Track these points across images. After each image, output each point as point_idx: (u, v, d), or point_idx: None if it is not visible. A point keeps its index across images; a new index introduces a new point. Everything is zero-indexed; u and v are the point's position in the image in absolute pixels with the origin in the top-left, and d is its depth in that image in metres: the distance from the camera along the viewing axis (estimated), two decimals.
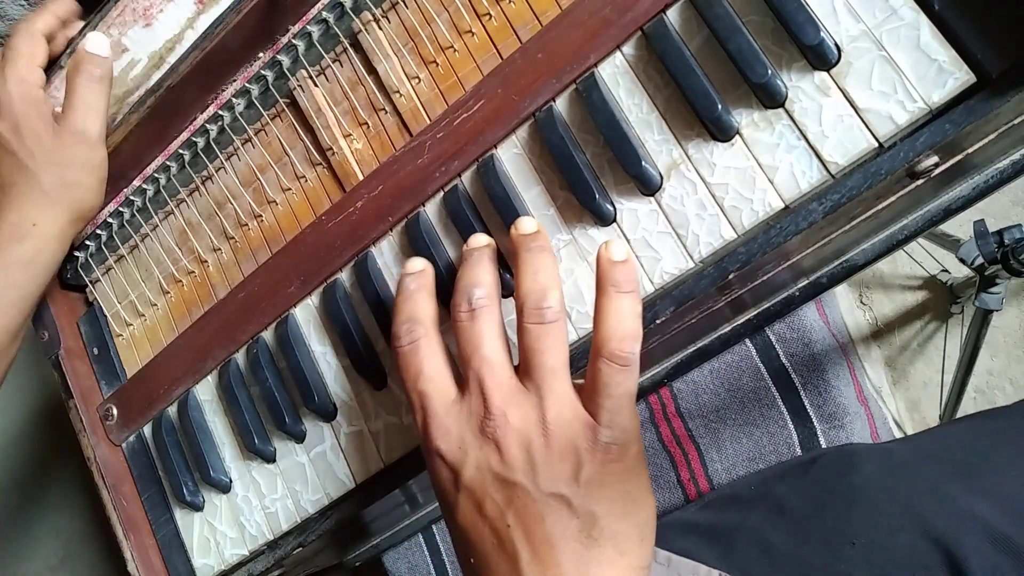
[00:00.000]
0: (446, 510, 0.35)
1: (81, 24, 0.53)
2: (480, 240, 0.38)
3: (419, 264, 0.38)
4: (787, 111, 0.35)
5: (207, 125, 0.49)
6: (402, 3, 0.44)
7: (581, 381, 0.35)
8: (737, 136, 0.36)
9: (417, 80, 0.44)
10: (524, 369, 0.34)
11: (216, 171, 0.50)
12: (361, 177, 0.45)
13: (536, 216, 0.40)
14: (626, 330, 0.33)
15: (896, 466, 0.45)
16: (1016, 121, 0.33)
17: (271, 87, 0.47)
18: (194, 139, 0.49)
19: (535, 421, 0.33)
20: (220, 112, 0.48)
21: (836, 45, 0.34)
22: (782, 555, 0.45)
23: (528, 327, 0.34)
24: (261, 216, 0.49)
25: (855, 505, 0.44)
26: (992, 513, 0.39)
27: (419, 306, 0.37)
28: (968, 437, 0.46)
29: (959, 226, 0.89)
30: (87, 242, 0.54)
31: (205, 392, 0.50)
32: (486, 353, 0.34)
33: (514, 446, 0.33)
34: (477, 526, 0.33)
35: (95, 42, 0.48)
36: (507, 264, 0.40)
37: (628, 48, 0.38)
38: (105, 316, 0.55)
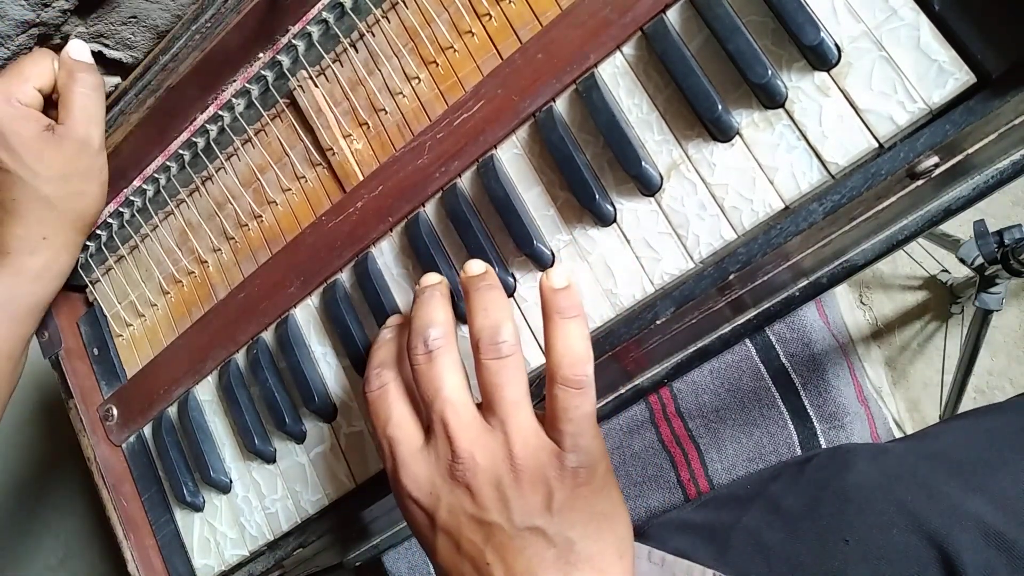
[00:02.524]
0: (427, 550, 0.36)
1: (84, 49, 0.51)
2: (432, 279, 0.38)
3: (396, 319, 0.40)
4: (787, 111, 0.35)
5: (207, 125, 0.49)
6: (402, 3, 0.44)
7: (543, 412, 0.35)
8: (737, 136, 0.36)
9: (417, 80, 0.44)
10: (486, 405, 0.35)
11: (216, 171, 0.50)
12: (361, 177, 0.45)
13: (536, 216, 0.40)
14: (576, 354, 0.34)
15: (890, 464, 0.45)
16: (1016, 121, 0.33)
17: (271, 87, 0.47)
18: (194, 139, 0.49)
19: (502, 457, 0.33)
20: (220, 112, 0.48)
21: (836, 45, 0.34)
22: (777, 554, 0.45)
23: (486, 363, 0.34)
24: (261, 216, 0.49)
25: (849, 503, 0.44)
26: (986, 510, 0.39)
27: (391, 353, 0.38)
28: (962, 435, 0.46)
29: (959, 226, 0.89)
30: (87, 242, 0.54)
31: (205, 392, 0.50)
32: (447, 395, 0.34)
33: (485, 486, 0.33)
34: (457, 565, 0.34)
35: (80, 49, 0.48)
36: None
37: (628, 48, 0.38)
38: (105, 316, 0.55)
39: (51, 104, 0.49)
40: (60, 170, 0.47)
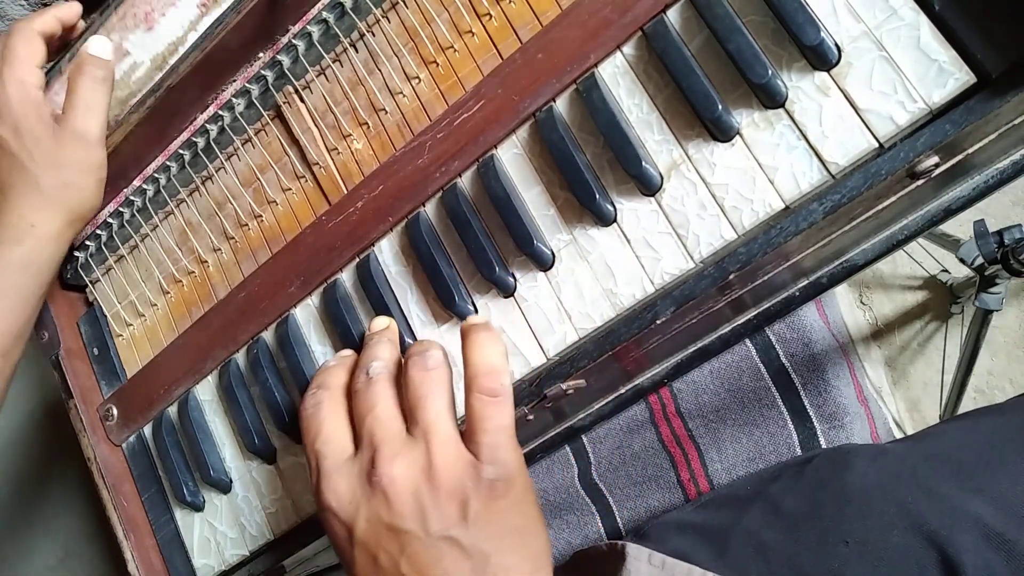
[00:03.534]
0: (345, 566, 0.36)
1: (83, 26, 0.52)
2: (380, 324, 0.40)
3: (348, 351, 0.41)
4: (787, 111, 0.35)
5: (207, 125, 0.49)
6: (402, 3, 0.44)
7: None
8: (737, 136, 0.36)
9: (417, 80, 0.44)
10: (410, 417, 0.35)
11: (216, 171, 0.50)
12: (361, 177, 0.45)
13: (536, 216, 0.40)
14: (491, 364, 0.35)
15: (890, 465, 0.45)
16: (1016, 121, 0.33)
17: (271, 87, 0.47)
18: (194, 139, 0.49)
19: (421, 467, 0.34)
20: (220, 112, 0.48)
21: (836, 45, 0.34)
22: (776, 555, 0.45)
23: (411, 376, 0.35)
24: (261, 216, 0.49)
25: (849, 504, 0.44)
26: (985, 511, 0.39)
27: (331, 376, 0.39)
28: (962, 435, 0.46)
29: (959, 226, 0.89)
30: (87, 242, 0.54)
31: (205, 392, 0.50)
32: (379, 412, 0.35)
33: (402, 494, 0.33)
34: None
35: (97, 45, 0.48)
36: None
37: (628, 48, 0.38)
38: (105, 316, 0.55)
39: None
40: (54, 159, 0.48)
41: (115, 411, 0.53)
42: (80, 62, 0.48)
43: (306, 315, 0.46)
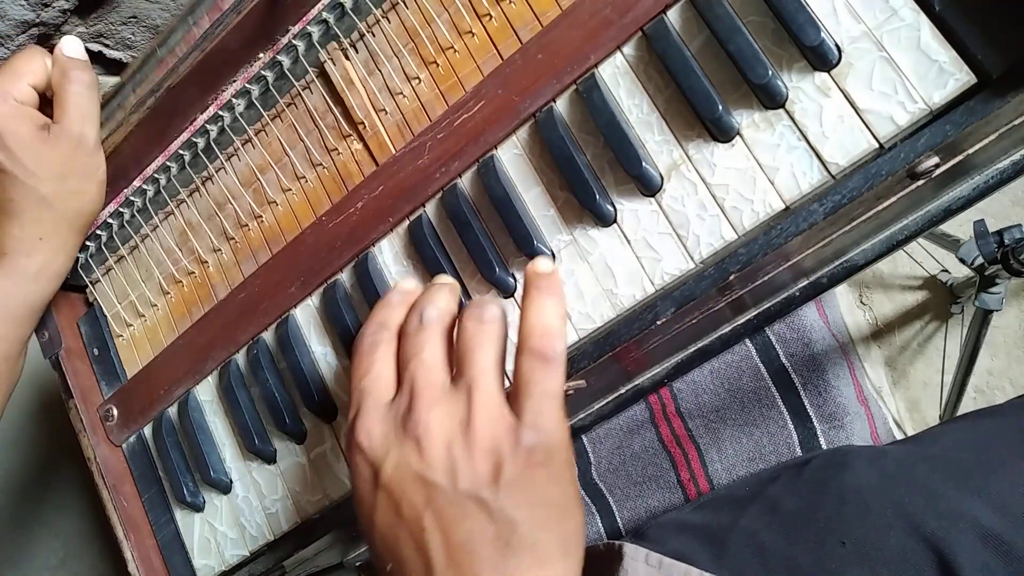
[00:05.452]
0: (364, 513, 0.34)
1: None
2: (447, 278, 0.39)
3: (411, 284, 0.39)
4: (787, 112, 0.35)
5: (207, 125, 0.49)
6: (402, 3, 0.44)
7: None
8: (738, 137, 0.36)
9: (418, 80, 0.44)
10: (457, 369, 0.34)
11: (216, 171, 0.50)
12: (361, 178, 0.45)
13: (536, 216, 0.40)
14: (548, 326, 0.33)
15: (888, 466, 0.45)
16: (1016, 122, 0.33)
17: (271, 87, 0.47)
18: (194, 139, 0.49)
19: (459, 420, 0.32)
20: (220, 112, 0.48)
21: (837, 46, 0.34)
22: (774, 555, 0.45)
23: (465, 325, 0.34)
24: (261, 216, 0.49)
25: (847, 505, 0.44)
26: (983, 512, 0.39)
27: (393, 316, 0.37)
28: (960, 437, 0.46)
29: (959, 226, 0.89)
30: (87, 243, 0.54)
31: (205, 392, 0.50)
32: (424, 357, 0.34)
33: (435, 444, 0.32)
34: (395, 529, 0.33)
35: (74, 47, 0.48)
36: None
37: (629, 48, 0.38)
38: (105, 316, 0.55)
39: (46, 102, 0.49)
40: (57, 169, 0.47)
41: (115, 411, 0.53)
42: (64, 68, 0.47)
43: (306, 315, 0.46)
